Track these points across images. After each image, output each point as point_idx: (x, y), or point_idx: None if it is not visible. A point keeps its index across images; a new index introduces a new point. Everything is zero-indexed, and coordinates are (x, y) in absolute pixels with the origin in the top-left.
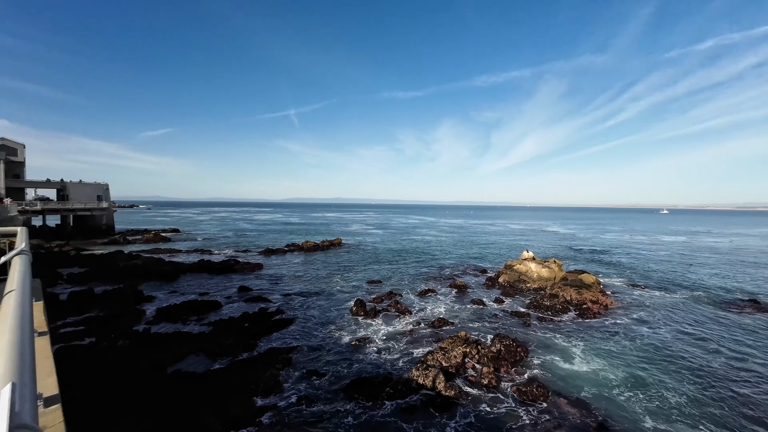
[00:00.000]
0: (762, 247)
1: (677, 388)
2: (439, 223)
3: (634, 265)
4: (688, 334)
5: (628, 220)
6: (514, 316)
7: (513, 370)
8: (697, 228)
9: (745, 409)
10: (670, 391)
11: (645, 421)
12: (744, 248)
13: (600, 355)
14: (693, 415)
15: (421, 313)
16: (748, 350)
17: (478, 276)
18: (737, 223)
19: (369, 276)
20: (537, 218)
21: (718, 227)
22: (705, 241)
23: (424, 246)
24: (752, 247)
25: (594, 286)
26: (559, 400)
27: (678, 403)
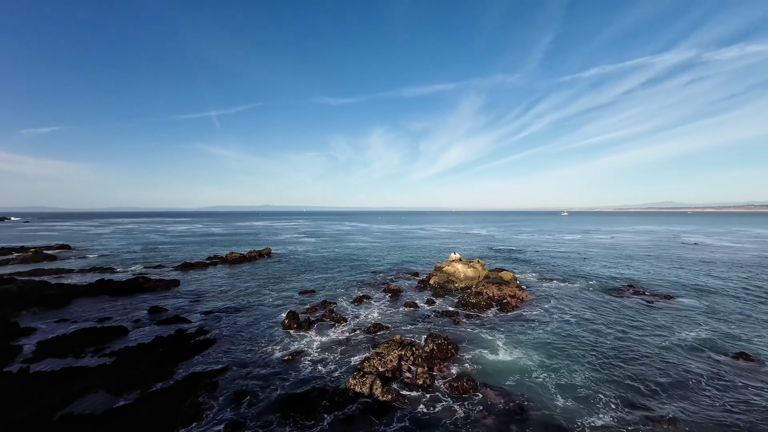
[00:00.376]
0: (635, 242)
1: (580, 365)
2: (372, 229)
3: (542, 261)
4: (586, 318)
5: (536, 222)
6: (445, 315)
7: (445, 367)
8: (589, 227)
9: (630, 375)
10: (575, 368)
11: (557, 398)
12: (622, 243)
13: (519, 344)
14: (593, 386)
15: (356, 320)
16: (629, 327)
17: (410, 279)
18: (617, 222)
19: (301, 286)
20: (462, 222)
21: (604, 226)
22: (595, 238)
23: (357, 252)
24: (628, 242)
25: (512, 282)
26: (486, 390)
27: (581, 378)
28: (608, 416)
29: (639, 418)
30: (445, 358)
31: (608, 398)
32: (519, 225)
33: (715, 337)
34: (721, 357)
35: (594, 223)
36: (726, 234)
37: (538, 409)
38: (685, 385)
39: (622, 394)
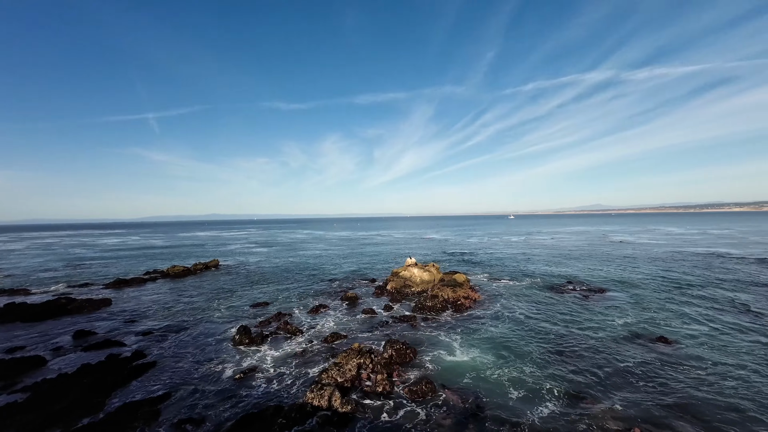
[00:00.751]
0: (571, 241)
1: (529, 359)
2: (328, 236)
3: (492, 262)
4: (533, 314)
5: (486, 225)
6: (403, 320)
7: (405, 372)
8: (532, 229)
9: (572, 365)
10: (525, 362)
11: (510, 392)
12: (560, 243)
13: (474, 344)
14: (540, 378)
15: (313, 331)
16: (570, 320)
17: (368, 286)
18: (556, 224)
19: (253, 298)
20: (417, 227)
21: (545, 228)
22: (537, 238)
23: (313, 261)
24: (565, 242)
25: (465, 284)
26: (445, 391)
27: (530, 371)
28: (554, 405)
29: (580, 403)
30: (404, 363)
31: (554, 388)
32: (470, 229)
33: (639, 324)
34: (645, 342)
35: (536, 225)
36: (644, 232)
37: (494, 404)
38: (617, 370)
39: (566, 383)
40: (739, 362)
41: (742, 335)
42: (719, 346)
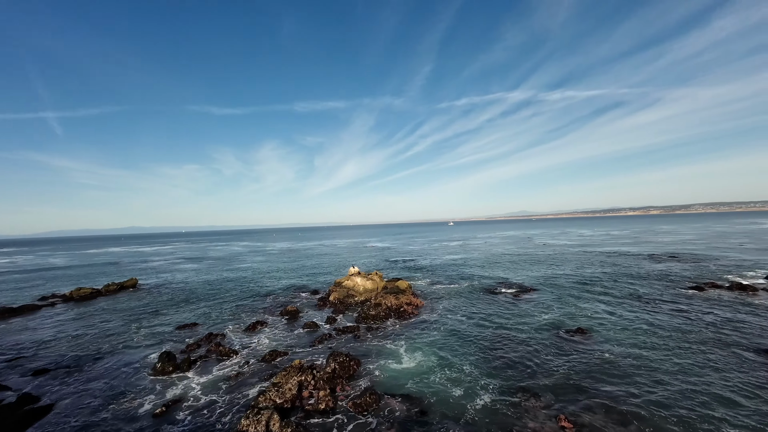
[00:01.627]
0: (502, 245)
1: (469, 357)
2: (267, 248)
3: (432, 267)
4: (471, 315)
5: (427, 232)
6: (346, 331)
7: (349, 385)
8: (468, 235)
9: (506, 360)
10: (465, 362)
11: (453, 392)
12: (493, 247)
13: (418, 349)
14: (478, 374)
15: (249, 351)
16: (504, 318)
17: (309, 298)
18: (489, 229)
19: (180, 319)
20: (361, 235)
21: (480, 233)
22: (473, 243)
23: (250, 275)
24: (497, 246)
25: (407, 290)
26: (390, 400)
27: (470, 369)
28: (490, 399)
29: (513, 396)
30: (348, 376)
31: (489, 383)
32: (412, 236)
33: (561, 318)
34: (566, 334)
35: (472, 231)
36: (561, 235)
37: (437, 405)
38: (544, 362)
39: (500, 378)
40: (638, 343)
41: (639, 320)
42: (623, 332)
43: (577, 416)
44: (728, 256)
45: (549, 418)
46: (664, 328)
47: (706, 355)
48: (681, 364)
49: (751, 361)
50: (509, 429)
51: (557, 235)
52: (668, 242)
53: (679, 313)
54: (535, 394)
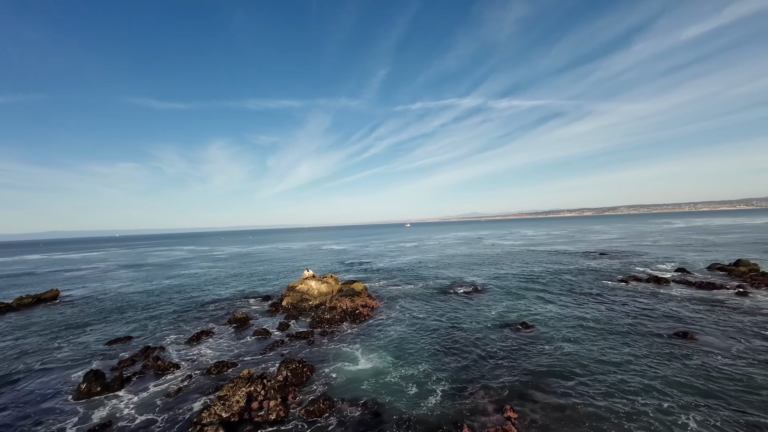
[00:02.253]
0: (455, 245)
1: (424, 355)
2: (215, 252)
3: (388, 269)
4: (426, 314)
5: (384, 234)
6: (300, 337)
7: (301, 392)
8: (423, 236)
9: (459, 354)
10: (420, 359)
11: (408, 391)
12: (446, 247)
13: (374, 350)
14: (431, 371)
15: (193, 363)
16: (457, 315)
17: (260, 304)
18: (443, 230)
19: (111, 333)
20: (316, 238)
21: (434, 234)
22: (428, 244)
23: (194, 282)
24: (451, 246)
25: (363, 293)
26: (344, 405)
27: (425, 366)
28: (443, 395)
29: (464, 390)
30: (301, 383)
31: (442, 379)
32: (369, 238)
33: (508, 314)
34: (512, 329)
35: (428, 232)
36: (508, 235)
37: (391, 404)
38: (492, 356)
39: (452, 374)
40: (572, 333)
41: (574, 312)
42: (561, 323)
43: (522, 405)
44: (647, 252)
45: (496, 409)
46: (594, 318)
47: (625, 340)
48: (606, 349)
49: (661, 343)
50: (460, 423)
51: (505, 236)
52: (599, 241)
53: (606, 303)
54: (484, 387)
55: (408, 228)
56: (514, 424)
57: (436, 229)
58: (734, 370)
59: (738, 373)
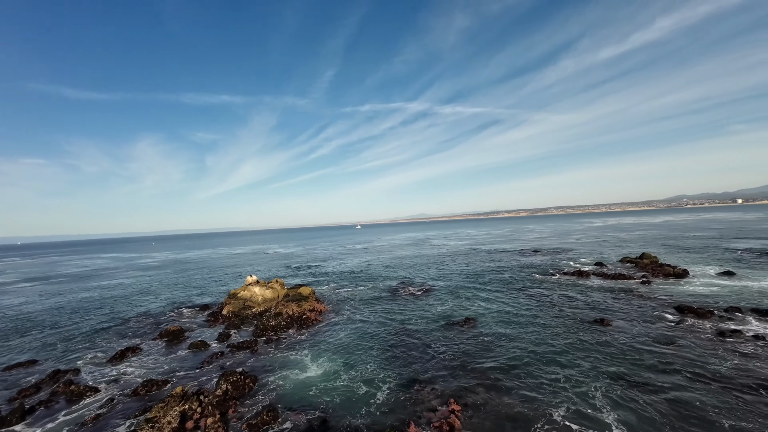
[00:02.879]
0: (403, 246)
1: (372, 355)
2: (144, 259)
3: (337, 271)
4: (375, 315)
5: (334, 236)
6: (242, 347)
7: (243, 406)
8: (372, 237)
9: (406, 353)
10: (368, 360)
11: (357, 393)
12: (396, 248)
13: (322, 355)
14: (382, 371)
15: (115, 385)
16: (405, 315)
17: (197, 315)
18: (392, 231)
19: (9, 358)
20: (260, 242)
21: (384, 235)
22: (376, 245)
23: (119, 293)
24: (400, 247)
25: (311, 297)
26: (290, 414)
27: (374, 367)
28: (390, 393)
29: (410, 388)
30: (242, 396)
31: (390, 378)
32: (318, 240)
33: (453, 311)
34: (457, 325)
35: (377, 233)
36: (453, 235)
37: (340, 410)
38: (438, 353)
39: (400, 372)
40: (509, 325)
41: (511, 305)
42: (499, 316)
43: (465, 397)
44: (572, 249)
45: (441, 403)
46: (528, 310)
47: (554, 328)
48: (537, 337)
49: (583, 329)
50: (407, 420)
51: (450, 236)
52: (532, 239)
53: (538, 296)
54: (430, 383)
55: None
56: (457, 417)
57: (385, 231)
58: (636, 348)
59: (638, 350)
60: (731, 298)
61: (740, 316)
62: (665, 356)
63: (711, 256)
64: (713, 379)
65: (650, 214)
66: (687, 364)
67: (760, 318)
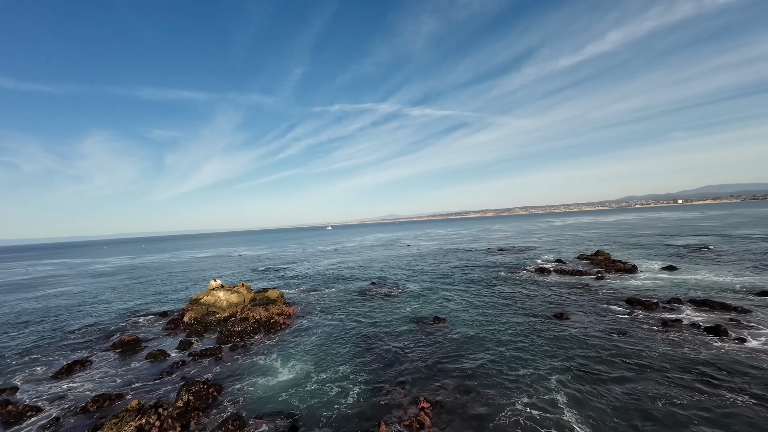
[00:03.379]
0: (373, 247)
1: (343, 357)
2: (95, 265)
3: (307, 274)
4: (346, 316)
5: (304, 237)
6: (205, 355)
7: (207, 416)
8: (343, 238)
9: (377, 352)
10: (339, 362)
11: (327, 395)
12: (367, 249)
13: (291, 359)
14: (349, 373)
15: (61, 402)
16: (375, 316)
17: (155, 323)
18: (362, 232)
19: None
20: (225, 244)
21: (354, 236)
22: (347, 246)
23: (65, 303)
24: (371, 248)
25: (279, 300)
26: (258, 422)
27: (345, 369)
28: (361, 394)
29: (381, 387)
30: (206, 407)
31: (361, 378)
32: (287, 242)
33: (423, 310)
34: (426, 324)
35: (348, 234)
36: (423, 235)
37: (310, 415)
38: (408, 352)
39: (370, 372)
40: (476, 322)
41: (478, 303)
42: (467, 314)
43: (434, 395)
44: (535, 247)
45: (411, 402)
46: (494, 307)
47: (517, 323)
48: (502, 332)
49: (543, 322)
50: (377, 420)
51: (420, 236)
52: (498, 238)
53: (503, 293)
54: (400, 383)
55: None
56: (427, 414)
57: (356, 232)
58: (591, 339)
59: (593, 340)
60: (672, 290)
61: (680, 306)
62: (617, 346)
63: (656, 252)
64: (656, 365)
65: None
66: (635, 352)
67: (695, 308)
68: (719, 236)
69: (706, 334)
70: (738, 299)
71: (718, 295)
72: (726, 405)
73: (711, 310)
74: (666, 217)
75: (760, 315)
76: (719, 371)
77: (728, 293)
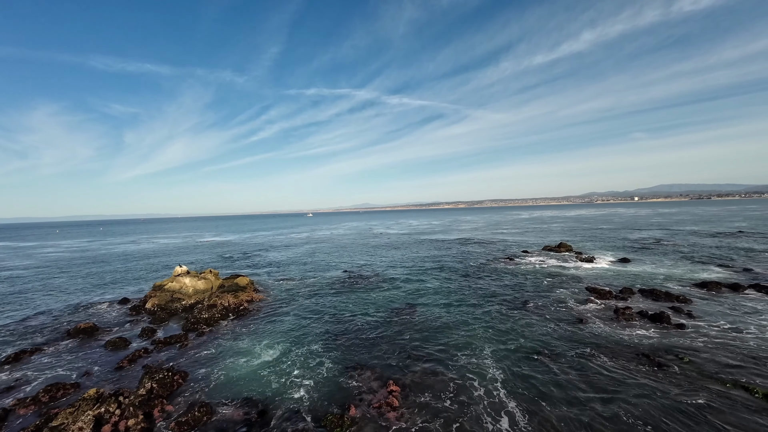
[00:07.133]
0: (347, 235)
1: (312, 344)
2: (45, 249)
3: (278, 261)
4: (317, 304)
5: (278, 224)
6: (169, 342)
7: (172, 404)
8: (316, 226)
9: (347, 338)
10: (311, 347)
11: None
12: (341, 237)
13: (262, 345)
14: (319, 359)
15: (9, 393)
16: (347, 303)
17: (115, 310)
18: (337, 221)
19: None
20: (192, 229)
21: (328, 224)
22: (319, 234)
23: (7, 290)
24: (344, 236)
25: (249, 287)
26: (224, 408)
27: (313, 357)
28: (332, 376)
29: (352, 370)
30: (170, 394)
31: (330, 365)
32: (258, 228)
33: (396, 298)
34: (399, 311)
35: (322, 222)
36: (396, 225)
37: (278, 400)
38: (379, 337)
39: (340, 358)
40: (447, 309)
41: (450, 291)
42: (438, 302)
43: (403, 377)
44: (503, 239)
45: (381, 386)
46: (462, 294)
47: (483, 310)
48: (467, 319)
49: (506, 310)
50: (347, 404)
51: (393, 225)
52: (469, 229)
53: (472, 282)
54: (370, 367)
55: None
56: (395, 397)
57: (330, 219)
58: (552, 325)
59: (554, 327)
60: (625, 280)
61: (631, 295)
62: (575, 332)
63: (612, 245)
64: (604, 345)
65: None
66: (592, 337)
67: (644, 296)
68: (668, 231)
69: (650, 321)
70: (680, 289)
71: (663, 285)
72: (661, 380)
73: (656, 299)
74: (623, 212)
75: (698, 304)
76: (659, 352)
77: (673, 283)
